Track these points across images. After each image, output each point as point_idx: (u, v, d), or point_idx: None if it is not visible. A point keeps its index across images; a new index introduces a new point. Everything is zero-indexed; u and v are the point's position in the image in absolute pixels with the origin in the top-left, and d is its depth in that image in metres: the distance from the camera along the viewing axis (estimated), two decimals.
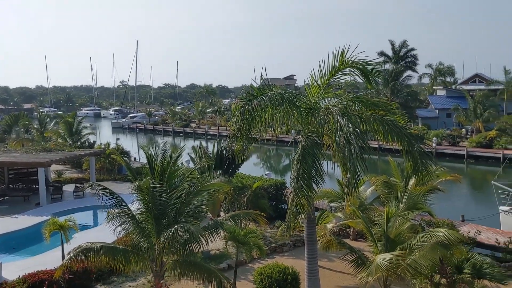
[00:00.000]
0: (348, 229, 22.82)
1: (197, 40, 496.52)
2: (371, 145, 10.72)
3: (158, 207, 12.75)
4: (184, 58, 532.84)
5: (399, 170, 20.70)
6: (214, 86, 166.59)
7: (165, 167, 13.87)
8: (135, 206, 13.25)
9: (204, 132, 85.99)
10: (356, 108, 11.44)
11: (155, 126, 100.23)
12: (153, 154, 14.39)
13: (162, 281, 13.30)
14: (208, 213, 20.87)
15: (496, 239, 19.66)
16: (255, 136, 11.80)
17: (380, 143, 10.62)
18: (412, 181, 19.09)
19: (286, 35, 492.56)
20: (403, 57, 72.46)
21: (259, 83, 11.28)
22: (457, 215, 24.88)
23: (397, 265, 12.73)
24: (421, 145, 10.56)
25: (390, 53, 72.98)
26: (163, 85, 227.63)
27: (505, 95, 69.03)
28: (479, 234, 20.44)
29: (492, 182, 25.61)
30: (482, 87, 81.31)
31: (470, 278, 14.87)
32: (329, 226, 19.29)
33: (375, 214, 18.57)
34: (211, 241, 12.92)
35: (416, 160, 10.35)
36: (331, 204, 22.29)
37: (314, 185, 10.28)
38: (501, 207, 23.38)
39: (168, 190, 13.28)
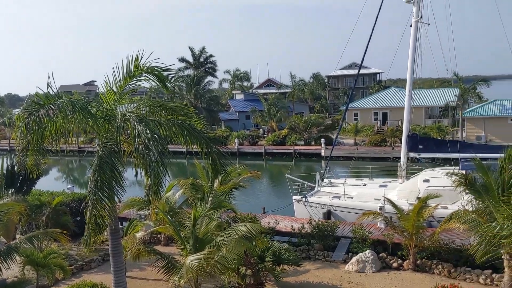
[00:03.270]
0: (159, 235, 22.76)
1: None
2: (180, 149, 10.83)
3: None
4: None
5: (205, 172, 21.46)
6: (2, 95, 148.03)
7: None
8: None
9: None
10: (156, 113, 11.44)
11: None
12: None
13: None
14: (1, 237, 18.50)
15: (292, 226, 21.89)
16: (50, 148, 10.83)
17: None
18: (217, 181, 19.99)
19: (87, 38, 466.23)
20: (203, 63, 75.47)
21: (55, 90, 10.27)
22: (259, 208, 26.98)
23: (207, 264, 13.15)
24: (218, 147, 11.12)
25: (191, 59, 75.28)
26: None
27: (293, 97, 77.58)
28: (278, 224, 22.51)
29: (286, 175, 28.53)
30: (274, 90, 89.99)
31: (271, 265, 16.28)
32: (139, 235, 18.90)
33: (184, 216, 18.90)
34: (6, 268, 11.51)
35: (215, 161, 10.88)
36: (140, 212, 21.93)
37: (115, 195, 9.93)
38: (294, 197, 26.16)
39: None
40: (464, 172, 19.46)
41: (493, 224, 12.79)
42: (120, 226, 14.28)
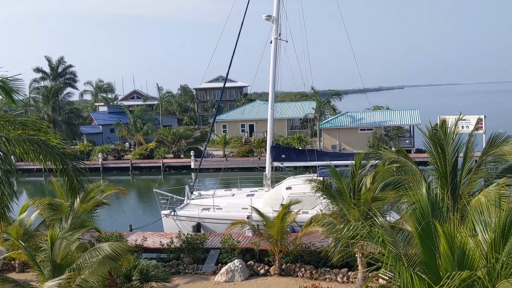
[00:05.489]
0: (13, 262, 20.67)
1: None
2: (38, 167, 9.90)
3: None
4: None
5: (64, 190, 20.02)
6: None
7: None
8: None
9: None
10: (4, 128, 10.36)
11: None
12: None
13: None
14: None
15: (161, 241, 21.42)
16: None
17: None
18: (77, 200, 18.76)
19: None
20: (61, 73, 70.66)
21: None
22: (126, 225, 25.91)
23: None
24: (75, 163, 10.44)
25: (48, 69, 70.01)
26: None
27: (160, 110, 76.45)
28: (146, 240, 21.84)
29: (154, 189, 27.90)
30: (140, 102, 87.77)
31: (139, 283, 15.71)
32: None
33: (42, 239, 17.39)
34: None
35: (72, 178, 10.18)
36: None
37: None
38: (162, 212, 25.67)
39: None
40: (321, 178, 20.94)
41: (342, 225, 13.96)
42: None
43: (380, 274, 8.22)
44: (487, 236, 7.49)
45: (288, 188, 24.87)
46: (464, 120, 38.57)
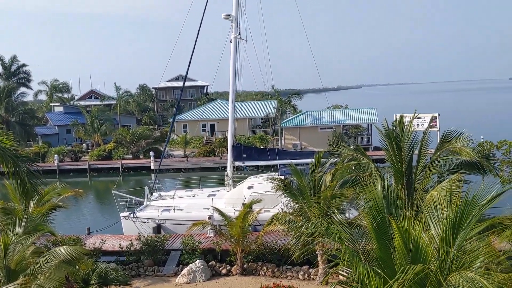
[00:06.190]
0: None
1: None
2: None
3: None
4: None
5: (17, 193, 19.31)
6: None
7: None
8: None
9: None
10: None
11: None
12: None
13: None
14: None
15: (120, 244, 21.01)
16: None
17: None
18: (32, 203, 18.16)
19: None
20: (15, 73, 68.19)
21: None
22: (83, 228, 25.29)
23: None
24: (29, 165, 10.11)
25: (0, 69, 67.40)
26: None
27: (118, 110, 74.99)
28: (104, 243, 21.38)
29: (112, 191, 27.33)
30: (98, 102, 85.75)
31: (97, 287, 15.36)
32: None
33: None
34: None
35: (24, 181, 9.85)
36: None
37: None
38: (121, 214, 25.20)
39: None
40: (282, 177, 21.11)
41: (300, 223, 14.15)
42: None
43: (339, 271, 8.38)
44: (439, 230, 7.76)
45: (250, 187, 24.93)
46: (419, 118, 39.82)
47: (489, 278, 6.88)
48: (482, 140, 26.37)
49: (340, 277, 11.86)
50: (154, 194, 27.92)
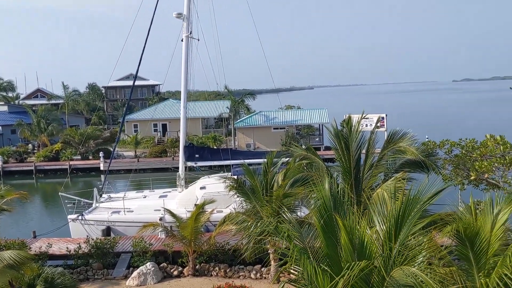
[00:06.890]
0: None
1: None
2: None
3: None
4: None
5: None
6: None
7: None
8: None
9: None
10: None
11: None
12: None
13: None
14: None
15: (67, 247, 20.39)
16: None
17: None
18: None
19: None
20: None
21: None
22: (29, 232, 24.36)
23: None
24: None
25: None
26: None
27: (66, 109, 72.60)
28: (51, 247, 20.67)
29: (60, 193, 26.42)
30: (45, 101, 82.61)
31: None
32: None
33: None
34: None
35: None
36: None
37: None
38: (69, 216, 24.43)
39: None
40: (235, 177, 21.14)
41: (250, 223, 14.25)
42: None
43: (291, 270, 8.49)
44: (384, 227, 8.03)
45: (202, 187, 24.80)
46: (367, 118, 40.90)
47: (431, 272, 7.17)
48: (427, 139, 27.45)
49: (291, 275, 12.04)
50: (103, 195, 27.26)
